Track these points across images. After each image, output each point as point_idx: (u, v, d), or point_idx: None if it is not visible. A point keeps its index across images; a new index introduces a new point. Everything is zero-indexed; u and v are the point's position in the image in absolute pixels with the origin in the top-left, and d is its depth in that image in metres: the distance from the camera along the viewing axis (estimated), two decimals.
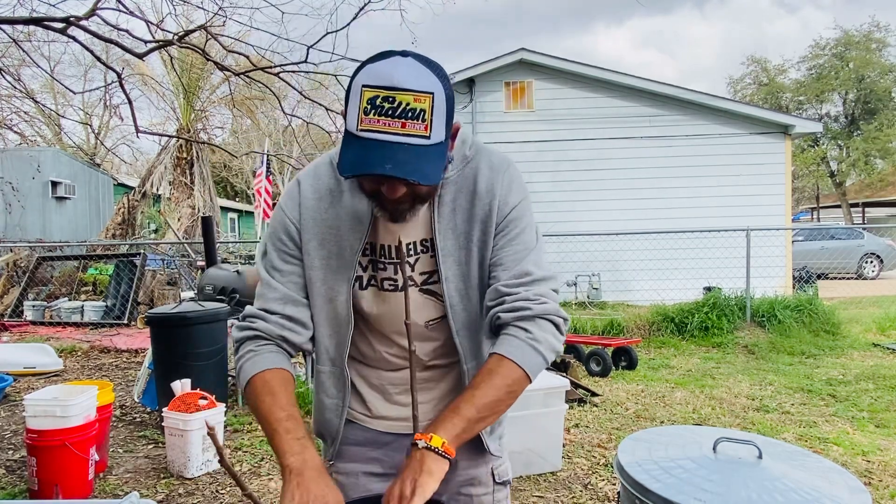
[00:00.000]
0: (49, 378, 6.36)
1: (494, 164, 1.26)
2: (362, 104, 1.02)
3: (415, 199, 1.14)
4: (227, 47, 6.47)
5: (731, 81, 30.86)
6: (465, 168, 1.25)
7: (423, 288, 1.27)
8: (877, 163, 26.68)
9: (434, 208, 1.23)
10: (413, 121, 1.02)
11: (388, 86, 1.01)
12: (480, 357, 1.29)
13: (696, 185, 11.16)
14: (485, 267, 1.25)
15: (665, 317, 7.93)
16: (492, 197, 1.23)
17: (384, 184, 1.08)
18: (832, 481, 1.50)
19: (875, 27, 26.29)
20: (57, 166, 17.21)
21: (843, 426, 4.49)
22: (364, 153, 1.02)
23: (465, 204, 1.24)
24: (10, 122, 11.44)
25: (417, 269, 1.26)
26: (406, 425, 1.33)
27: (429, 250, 1.25)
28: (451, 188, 1.24)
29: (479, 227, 1.24)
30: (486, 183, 1.24)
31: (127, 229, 15.07)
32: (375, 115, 1.01)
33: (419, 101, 1.02)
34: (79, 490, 3.30)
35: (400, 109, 1.01)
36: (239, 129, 23.69)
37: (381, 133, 1.02)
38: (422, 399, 1.32)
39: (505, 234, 1.24)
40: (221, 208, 21.79)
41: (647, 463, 1.60)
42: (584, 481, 3.53)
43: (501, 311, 1.19)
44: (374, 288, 1.27)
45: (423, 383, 1.33)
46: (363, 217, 1.22)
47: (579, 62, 11.51)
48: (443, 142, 1.08)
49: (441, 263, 1.23)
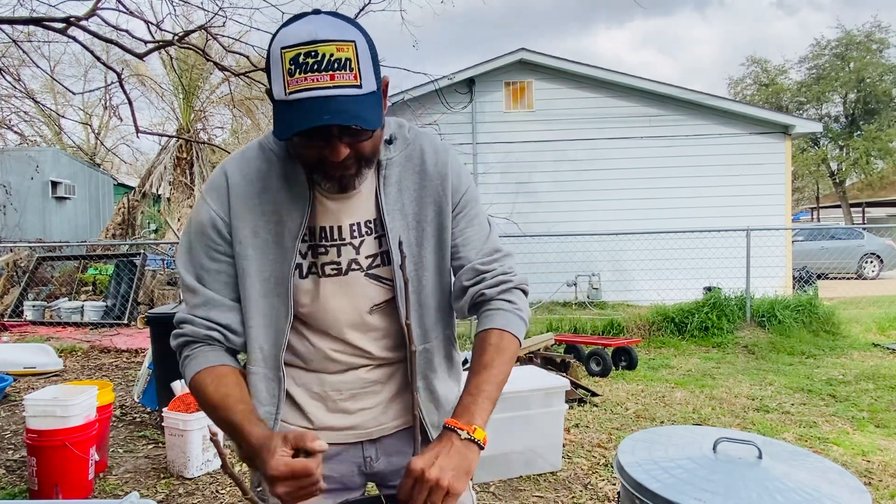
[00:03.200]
0: (49, 378, 6.36)
1: (438, 147, 1.25)
2: (285, 66, 0.98)
3: (360, 162, 1.09)
4: (226, 47, 6.47)
5: (732, 82, 30.88)
6: (408, 148, 1.23)
7: (369, 272, 1.20)
8: (877, 163, 26.67)
9: (380, 188, 1.19)
10: (341, 71, 0.98)
11: (307, 41, 0.97)
12: (429, 340, 1.24)
13: (696, 185, 11.16)
14: (443, 249, 1.23)
15: (665, 317, 7.93)
16: (443, 177, 1.22)
17: (326, 147, 1.03)
18: (832, 481, 1.50)
19: (876, 27, 26.30)
20: (57, 166, 17.21)
21: (843, 426, 4.49)
22: (298, 113, 0.98)
23: (412, 184, 1.21)
24: (10, 122, 11.44)
25: (363, 251, 1.19)
26: (353, 434, 1.25)
27: (373, 232, 1.19)
28: (396, 169, 1.21)
29: (432, 208, 1.21)
30: (433, 163, 1.22)
31: (127, 229, 15.08)
32: (301, 74, 0.97)
33: (342, 50, 0.98)
34: (79, 490, 3.30)
35: (325, 62, 0.97)
36: (239, 129, 23.70)
37: (312, 90, 0.97)
38: (369, 403, 1.25)
39: (465, 214, 1.24)
40: None
41: (647, 463, 1.60)
42: (584, 481, 3.53)
43: (485, 288, 1.20)
44: (314, 276, 1.18)
45: (370, 385, 1.24)
46: (301, 199, 1.15)
47: (579, 62, 11.51)
48: (375, 91, 1.03)
49: (391, 247, 1.18)
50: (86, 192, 18.83)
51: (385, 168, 1.19)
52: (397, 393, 1.26)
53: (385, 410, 1.26)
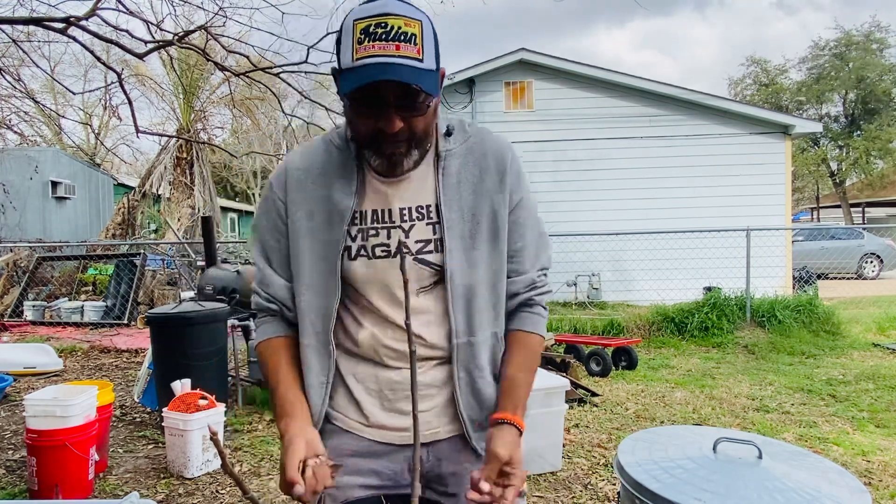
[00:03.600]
0: (49, 378, 6.36)
1: (501, 143, 1.28)
2: (356, 36, 1.06)
3: (411, 141, 1.14)
4: (227, 47, 6.47)
5: (732, 82, 30.87)
6: (469, 141, 1.26)
7: (418, 257, 1.22)
8: (877, 163, 26.67)
9: (438, 177, 1.22)
10: (406, 43, 1.05)
11: (379, 13, 1.05)
12: (474, 334, 1.25)
13: (696, 185, 11.16)
14: (497, 245, 1.25)
15: (665, 317, 7.93)
16: (502, 174, 1.25)
17: (381, 118, 1.09)
18: (832, 481, 1.50)
19: (875, 27, 26.30)
20: (57, 166, 17.21)
21: (843, 426, 4.49)
22: (362, 74, 1.05)
23: (470, 177, 1.24)
24: (10, 122, 11.42)
25: (413, 235, 1.22)
26: (406, 435, 1.25)
27: (425, 217, 1.22)
28: (456, 161, 1.24)
29: (488, 203, 1.24)
30: (494, 159, 1.26)
31: (127, 229, 15.07)
32: (369, 42, 1.04)
33: (409, 25, 1.06)
34: (79, 490, 3.30)
35: (393, 33, 1.04)
36: (239, 130, 23.69)
37: (377, 56, 1.04)
38: (424, 406, 1.26)
39: (522, 217, 1.28)
40: (221, 208, 21.79)
41: (647, 463, 1.60)
42: (584, 481, 3.53)
43: (535, 295, 1.31)
44: (364, 258, 1.22)
45: (425, 388, 1.25)
46: (351, 183, 1.22)
47: (579, 62, 11.51)
48: (434, 71, 1.10)
49: (445, 235, 1.21)
50: (86, 192, 18.82)
51: (444, 159, 1.23)
52: (450, 400, 1.28)
53: (439, 415, 1.27)
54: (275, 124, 20.88)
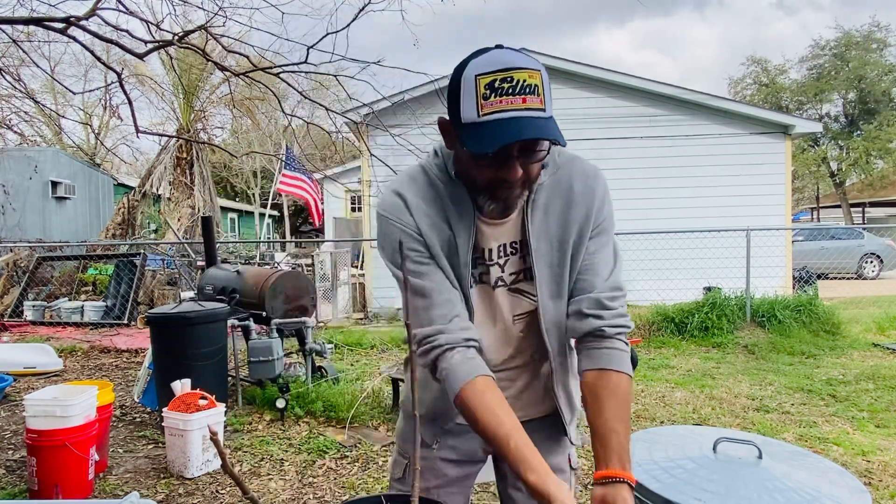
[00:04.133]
0: (49, 378, 6.36)
1: (588, 171, 1.32)
2: (480, 91, 1.07)
3: (526, 184, 1.19)
4: (227, 47, 6.47)
5: (732, 82, 30.86)
6: (558, 173, 1.30)
7: (512, 287, 1.32)
8: (877, 163, 26.67)
9: (527, 212, 1.26)
10: (531, 95, 1.07)
11: (504, 68, 1.07)
12: (565, 355, 1.37)
13: (696, 185, 11.15)
14: (576, 269, 1.31)
15: (665, 317, 7.93)
16: (589, 204, 1.29)
17: (503, 168, 1.12)
18: (832, 481, 1.50)
19: (875, 27, 26.30)
20: (57, 166, 17.21)
21: (843, 426, 4.49)
22: (496, 130, 1.06)
23: (558, 208, 1.28)
24: (10, 122, 11.42)
25: (507, 269, 1.31)
26: None
27: (517, 252, 1.30)
28: (544, 193, 1.28)
29: (575, 231, 1.28)
30: (581, 189, 1.29)
31: (127, 229, 15.06)
32: (496, 97, 1.06)
33: (533, 77, 1.08)
34: (79, 490, 3.30)
35: (519, 86, 1.06)
36: (239, 130, 23.68)
37: (507, 111, 1.06)
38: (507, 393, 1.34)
39: (598, 238, 1.31)
40: (221, 208, 21.79)
41: (647, 463, 1.60)
42: (584, 481, 3.53)
43: (605, 326, 1.26)
44: (479, 285, 1.32)
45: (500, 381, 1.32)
46: (468, 217, 1.25)
47: (579, 62, 11.50)
48: (552, 118, 1.12)
49: (535, 265, 1.27)
50: (86, 192, 18.82)
51: (534, 192, 1.26)
52: (524, 390, 1.40)
53: (513, 402, 1.31)
54: (275, 124, 20.88)
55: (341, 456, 4.03)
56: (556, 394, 1.38)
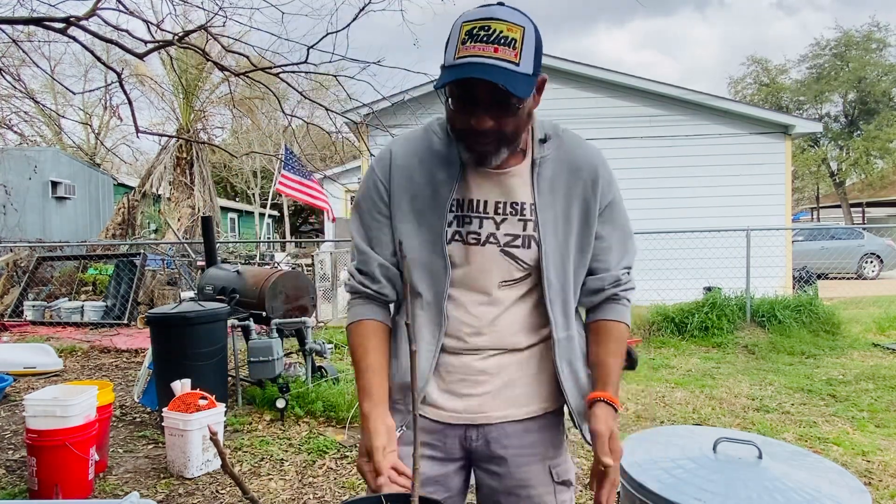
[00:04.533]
0: (49, 378, 6.36)
1: (591, 150, 1.37)
2: (461, 37, 1.13)
3: (500, 141, 1.21)
4: (227, 47, 6.47)
5: (732, 82, 30.88)
6: (562, 148, 1.34)
7: (505, 249, 1.30)
8: (877, 163, 26.66)
9: (534, 181, 1.30)
10: (505, 47, 1.11)
11: (485, 17, 1.13)
12: (570, 328, 1.35)
13: (696, 185, 11.15)
14: (586, 246, 1.34)
15: (665, 317, 7.93)
16: (594, 177, 1.33)
17: (473, 116, 1.16)
18: (832, 481, 1.50)
19: (875, 27, 26.30)
20: (57, 166, 17.21)
21: (843, 426, 4.49)
22: (458, 71, 1.11)
23: (563, 183, 1.32)
24: (10, 122, 11.42)
25: (503, 228, 1.30)
26: (456, 416, 1.36)
27: (518, 214, 1.30)
28: (550, 165, 1.32)
29: (580, 206, 1.32)
30: (586, 163, 1.34)
31: (127, 229, 15.06)
32: (471, 43, 1.11)
33: (511, 30, 1.12)
34: (79, 490, 3.30)
35: (494, 36, 1.11)
36: (239, 130, 23.68)
37: (475, 56, 1.10)
38: (477, 391, 1.35)
39: (611, 218, 1.36)
40: (221, 208, 21.79)
41: (647, 463, 1.60)
42: (584, 481, 3.53)
43: (619, 291, 1.39)
44: (458, 243, 1.30)
45: (478, 374, 1.35)
46: (453, 172, 1.29)
47: (579, 62, 11.50)
48: (530, 76, 1.15)
49: (542, 238, 1.29)
50: (86, 192, 18.82)
51: (539, 165, 1.31)
52: (505, 385, 1.35)
53: (492, 399, 1.35)
54: (275, 124, 20.89)
55: (341, 456, 4.03)
56: (560, 372, 1.34)
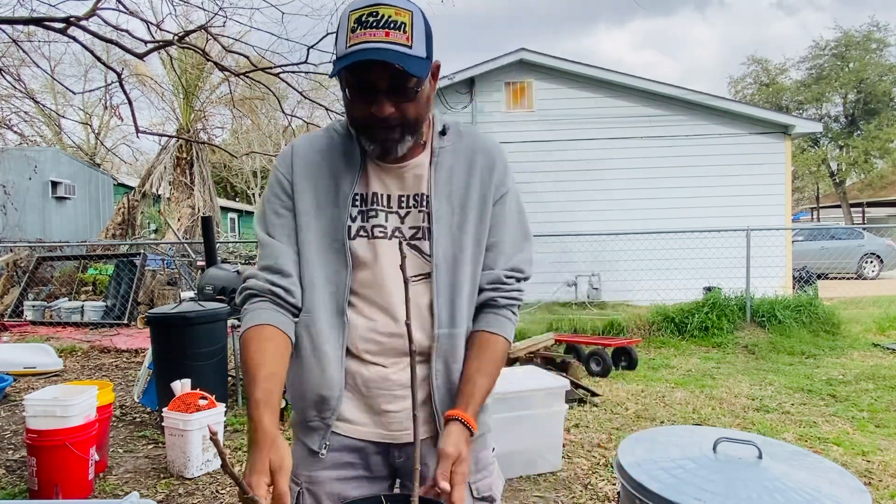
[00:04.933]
0: (49, 378, 6.36)
1: (490, 143, 1.34)
2: (350, 25, 1.11)
3: (403, 128, 1.18)
4: (227, 47, 6.47)
5: (732, 82, 30.88)
6: (462, 140, 1.32)
7: (410, 242, 1.27)
8: (877, 163, 26.66)
9: (431, 171, 1.27)
10: (395, 31, 1.10)
11: (372, 3, 1.12)
12: (456, 325, 1.27)
13: (696, 185, 11.15)
14: (481, 238, 1.29)
15: (665, 317, 7.93)
16: (491, 170, 1.30)
17: (374, 104, 1.14)
18: (832, 481, 1.50)
19: (875, 27, 26.30)
20: (57, 166, 17.21)
21: (843, 426, 4.49)
22: (351, 57, 1.10)
23: (461, 172, 1.29)
24: (10, 122, 11.42)
25: (407, 222, 1.28)
26: (377, 434, 1.28)
27: (419, 206, 1.27)
28: (448, 156, 1.30)
29: (477, 196, 1.29)
30: (484, 156, 1.31)
31: (127, 229, 15.07)
32: (361, 29, 1.10)
33: (400, 14, 1.11)
34: (79, 490, 3.30)
35: (383, 21, 1.10)
36: (239, 130, 23.68)
37: (366, 42, 1.09)
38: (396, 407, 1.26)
39: (503, 212, 1.31)
40: (221, 208, 21.79)
41: (647, 463, 1.60)
42: (584, 481, 3.53)
43: (499, 297, 1.31)
44: (363, 238, 1.26)
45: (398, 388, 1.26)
46: (354, 166, 1.27)
47: (579, 62, 11.50)
48: (424, 59, 1.14)
49: (434, 225, 1.25)
50: (86, 192, 18.82)
51: (438, 155, 1.29)
52: (424, 401, 1.27)
53: (410, 416, 1.24)
54: (275, 124, 20.89)
55: None
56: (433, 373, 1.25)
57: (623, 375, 6.10)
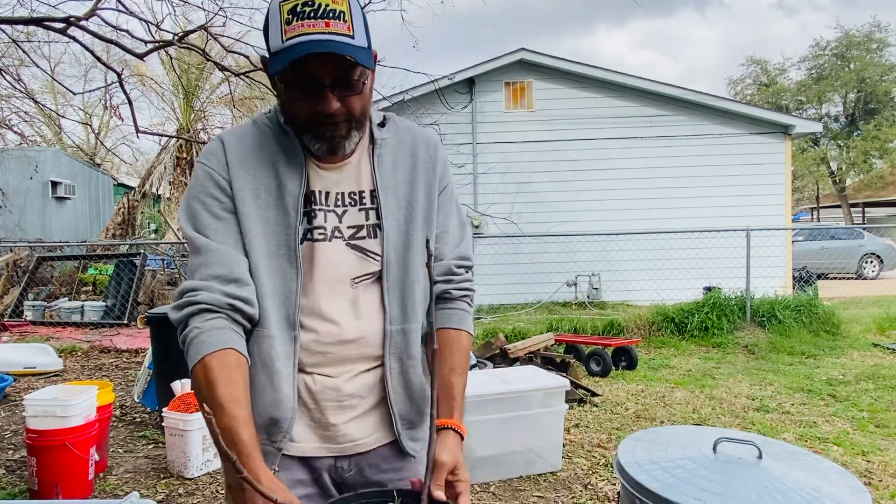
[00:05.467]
0: (49, 378, 6.36)
1: (429, 136, 1.32)
2: (283, 17, 1.04)
3: (350, 122, 1.13)
4: (227, 47, 6.47)
5: (732, 82, 30.88)
6: (401, 133, 1.29)
7: (350, 242, 1.20)
8: (876, 163, 26.66)
9: (373, 164, 1.22)
10: (336, 20, 1.04)
11: None
12: (409, 321, 1.23)
13: (696, 185, 11.16)
14: (430, 231, 1.26)
15: (665, 317, 7.93)
16: (434, 162, 1.28)
17: (318, 101, 1.08)
18: (832, 481, 1.50)
19: (876, 27, 26.30)
20: (57, 166, 17.21)
21: (843, 426, 4.49)
22: (293, 51, 1.03)
23: (404, 165, 1.26)
24: (10, 122, 11.43)
25: (345, 220, 1.20)
26: (325, 448, 1.22)
27: (357, 203, 1.21)
28: (390, 149, 1.26)
29: (423, 189, 1.26)
30: (425, 149, 1.29)
31: (127, 229, 15.08)
32: (298, 21, 1.03)
33: (337, 3, 1.05)
34: (79, 490, 3.30)
35: (321, 10, 1.03)
36: None
37: (308, 34, 1.03)
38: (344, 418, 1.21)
39: (447, 202, 1.30)
40: None
41: (647, 463, 1.60)
42: (584, 481, 3.53)
43: (452, 289, 1.29)
44: (308, 242, 1.18)
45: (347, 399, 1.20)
46: (298, 165, 1.17)
47: (579, 62, 11.50)
48: (366, 48, 1.09)
49: (384, 223, 1.21)
50: (86, 192, 18.82)
51: (379, 147, 1.24)
52: (373, 407, 1.24)
53: (360, 426, 1.23)
54: None
55: None
56: (388, 371, 1.20)
57: (623, 375, 6.10)
